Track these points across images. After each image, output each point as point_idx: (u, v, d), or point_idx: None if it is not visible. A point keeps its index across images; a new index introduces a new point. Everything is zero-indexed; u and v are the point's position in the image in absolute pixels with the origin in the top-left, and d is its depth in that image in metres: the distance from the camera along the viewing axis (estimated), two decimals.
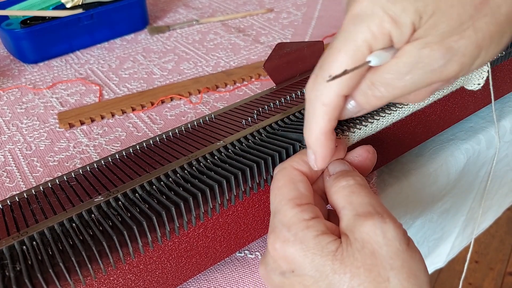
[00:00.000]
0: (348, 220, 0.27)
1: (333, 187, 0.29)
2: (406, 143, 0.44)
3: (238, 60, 0.68)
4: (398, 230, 0.26)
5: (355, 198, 0.28)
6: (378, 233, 0.26)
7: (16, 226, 0.31)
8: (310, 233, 0.27)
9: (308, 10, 0.84)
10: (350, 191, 0.28)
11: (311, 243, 0.26)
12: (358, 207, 0.27)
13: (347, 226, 0.27)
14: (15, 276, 0.26)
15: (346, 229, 0.27)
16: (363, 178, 0.30)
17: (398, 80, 0.26)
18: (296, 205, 0.28)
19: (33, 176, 0.48)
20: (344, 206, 0.28)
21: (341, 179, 0.29)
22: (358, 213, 0.27)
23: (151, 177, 0.33)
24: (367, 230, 0.26)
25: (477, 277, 1.33)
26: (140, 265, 0.31)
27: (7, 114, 0.59)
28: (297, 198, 0.28)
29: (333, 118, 0.29)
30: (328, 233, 0.27)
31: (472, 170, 0.51)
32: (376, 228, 0.26)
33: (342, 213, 0.28)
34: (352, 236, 0.26)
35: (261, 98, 0.45)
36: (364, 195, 0.28)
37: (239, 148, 0.36)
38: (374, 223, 0.26)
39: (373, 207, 0.27)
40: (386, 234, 0.26)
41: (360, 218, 0.26)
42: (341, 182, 0.29)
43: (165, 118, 0.56)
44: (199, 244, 0.33)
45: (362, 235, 0.26)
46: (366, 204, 0.27)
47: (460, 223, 0.58)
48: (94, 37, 0.75)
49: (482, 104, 0.50)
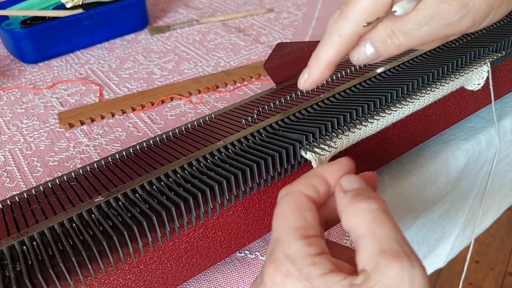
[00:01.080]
0: (370, 255, 0.24)
1: (351, 208, 0.26)
2: (406, 143, 0.44)
3: (238, 60, 0.68)
4: (424, 277, 0.23)
5: (379, 228, 0.25)
6: (406, 279, 0.23)
7: (16, 226, 0.31)
8: (317, 271, 0.24)
9: (308, 10, 0.84)
10: (373, 218, 0.25)
11: (317, 282, 0.24)
12: (383, 241, 0.24)
13: (369, 262, 0.24)
14: (15, 276, 0.26)
15: (366, 265, 0.24)
16: (385, 202, 0.26)
17: (416, 31, 0.29)
18: (302, 236, 0.25)
19: (33, 176, 0.48)
20: (365, 235, 0.25)
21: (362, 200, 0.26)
22: (383, 250, 0.24)
23: (151, 177, 0.33)
24: (394, 274, 0.23)
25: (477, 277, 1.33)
26: (140, 265, 0.31)
27: (7, 114, 0.59)
28: (304, 229, 0.26)
29: (342, 51, 0.31)
30: (336, 272, 0.24)
31: (472, 170, 0.51)
32: (404, 273, 0.23)
33: (362, 243, 0.25)
34: (375, 277, 0.23)
35: (261, 98, 0.45)
36: (389, 226, 0.25)
37: (239, 148, 0.36)
38: (402, 267, 0.23)
39: (400, 245, 0.24)
40: (414, 281, 0.23)
41: (385, 256, 0.23)
42: (363, 204, 0.26)
43: (165, 118, 0.56)
44: (199, 244, 0.33)
45: (387, 278, 0.23)
46: (392, 240, 0.24)
47: (460, 223, 0.58)
48: (94, 37, 0.75)
49: (482, 104, 0.50)
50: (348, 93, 0.42)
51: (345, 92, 0.42)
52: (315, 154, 0.34)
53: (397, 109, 0.39)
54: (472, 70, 0.44)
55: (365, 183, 0.28)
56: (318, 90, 0.43)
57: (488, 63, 0.44)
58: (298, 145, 0.34)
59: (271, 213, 0.37)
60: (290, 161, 0.35)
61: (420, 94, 0.40)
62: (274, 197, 0.36)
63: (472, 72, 0.44)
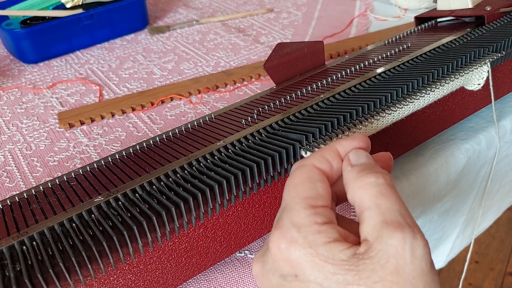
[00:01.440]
0: (374, 226, 0.24)
1: (358, 181, 0.26)
2: (406, 143, 0.44)
3: (238, 60, 0.68)
4: (426, 249, 0.24)
5: (384, 201, 0.25)
6: (407, 249, 0.23)
7: (16, 226, 0.31)
8: (322, 239, 0.25)
9: (308, 10, 0.84)
10: (379, 192, 0.25)
11: (321, 249, 0.24)
12: (386, 213, 0.25)
13: (371, 232, 0.24)
14: (15, 276, 0.26)
15: (369, 235, 0.24)
16: (391, 177, 0.27)
17: None
18: (310, 206, 0.26)
19: (33, 176, 0.48)
20: (370, 207, 0.25)
21: (369, 174, 0.26)
22: (387, 221, 0.24)
23: (151, 177, 0.33)
24: (395, 243, 0.23)
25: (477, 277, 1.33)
26: (140, 265, 0.31)
27: (7, 114, 0.59)
28: (313, 199, 0.26)
29: None
30: (341, 241, 0.25)
31: (472, 170, 0.51)
32: (405, 243, 0.23)
33: (366, 214, 0.25)
34: (376, 246, 0.24)
35: (261, 98, 0.45)
36: (394, 200, 0.25)
37: (239, 148, 0.36)
38: (404, 237, 0.23)
39: (403, 217, 0.24)
40: (415, 251, 0.23)
41: (388, 227, 0.24)
42: (369, 178, 0.26)
43: (165, 118, 0.56)
44: (199, 244, 0.33)
45: (389, 247, 0.23)
46: (395, 212, 0.25)
47: (460, 223, 0.58)
48: (94, 37, 0.75)
49: (482, 104, 0.50)
50: (348, 93, 0.42)
51: (345, 92, 0.42)
52: None
53: (397, 109, 0.39)
54: (472, 70, 0.44)
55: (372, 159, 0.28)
56: (318, 90, 0.43)
57: (488, 63, 0.44)
58: (298, 145, 0.34)
59: (271, 213, 0.37)
60: (290, 161, 0.35)
61: (420, 94, 0.40)
62: (274, 197, 0.36)
63: (472, 72, 0.44)
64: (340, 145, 0.29)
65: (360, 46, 0.67)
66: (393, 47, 0.50)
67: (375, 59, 0.48)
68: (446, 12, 0.56)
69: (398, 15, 0.78)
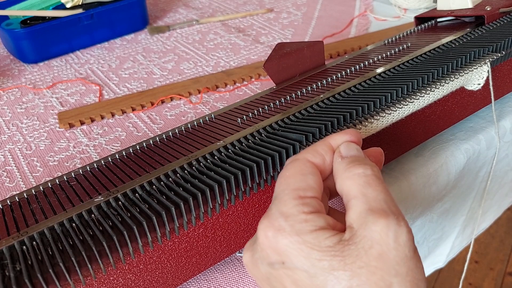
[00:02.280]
0: (359, 213, 0.25)
1: (347, 172, 0.27)
2: (406, 143, 0.44)
3: (238, 60, 0.68)
4: (409, 235, 0.25)
5: (370, 190, 0.26)
6: (391, 235, 0.24)
7: (16, 226, 0.31)
8: (308, 227, 0.25)
9: (308, 10, 0.84)
10: (366, 182, 0.26)
11: (307, 237, 0.25)
12: (372, 201, 0.25)
13: (357, 219, 0.25)
14: (15, 276, 0.26)
15: (354, 222, 0.25)
16: (379, 169, 0.28)
17: None
18: (299, 196, 0.26)
19: (33, 176, 0.48)
20: (357, 196, 0.26)
21: (357, 165, 0.27)
22: (372, 208, 0.25)
23: (151, 177, 0.33)
24: (379, 229, 0.24)
25: (477, 277, 1.33)
26: (140, 265, 0.31)
27: (7, 114, 0.59)
28: (302, 190, 0.27)
29: None
30: (327, 229, 0.25)
31: (472, 170, 0.51)
32: (389, 229, 0.24)
33: (352, 203, 0.26)
34: (361, 232, 0.24)
35: (261, 98, 0.45)
36: (380, 190, 0.26)
37: (239, 148, 0.36)
38: (388, 224, 0.24)
39: (388, 205, 0.25)
40: (398, 238, 0.24)
41: (373, 214, 0.25)
42: (357, 169, 0.27)
43: (165, 118, 0.56)
44: (199, 244, 0.33)
45: (373, 233, 0.24)
46: (381, 201, 0.25)
47: (460, 223, 0.58)
48: (94, 37, 0.75)
49: (482, 104, 0.50)
50: (348, 93, 0.42)
51: (345, 92, 0.42)
52: None
53: (397, 109, 0.39)
54: (472, 70, 0.44)
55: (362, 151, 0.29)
56: (318, 90, 0.43)
57: (488, 63, 0.44)
58: (298, 145, 0.34)
59: None
60: None
61: (420, 94, 0.40)
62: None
63: (472, 72, 0.44)
64: (332, 139, 0.30)
65: (360, 46, 0.67)
66: (393, 47, 0.50)
67: (375, 59, 0.48)
68: (446, 12, 0.56)
69: (398, 15, 0.78)
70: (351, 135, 0.30)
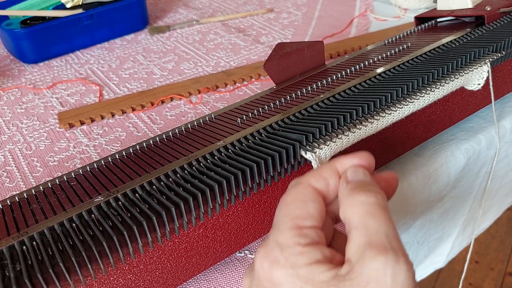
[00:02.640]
0: (358, 246, 0.24)
1: (349, 199, 0.26)
2: (406, 143, 0.44)
3: (238, 60, 0.68)
4: (409, 273, 0.23)
5: (371, 221, 0.25)
6: (388, 273, 0.23)
7: (16, 226, 0.31)
8: (303, 260, 0.25)
9: (308, 10, 0.84)
10: (368, 211, 0.25)
11: (302, 271, 0.24)
12: (372, 234, 0.24)
13: (355, 252, 0.24)
14: (15, 276, 0.26)
15: (352, 256, 0.24)
16: (384, 197, 0.26)
17: None
18: (296, 226, 0.26)
19: (33, 176, 0.48)
20: (357, 227, 0.25)
21: (360, 192, 0.26)
22: (371, 243, 0.24)
23: (151, 177, 0.33)
24: (377, 267, 0.23)
25: (477, 277, 1.33)
26: (140, 265, 0.31)
27: (7, 114, 0.59)
28: (301, 219, 0.26)
29: None
30: (323, 262, 0.25)
31: (472, 170, 0.51)
32: (387, 267, 0.23)
33: (352, 234, 0.25)
34: (358, 269, 0.24)
35: (261, 98, 0.45)
36: (382, 221, 0.25)
37: (239, 148, 0.36)
38: (386, 261, 0.23)
39: (389, 239, 0.24)
40: (396, 276, 0.23)
41: (372, 249, 0.24)
42: (360, 196, 0.26)
43: (165, 118, 0.56)
44: (199, 244, 0.33)
45: (369, 271, 0.23)
46: (381, 234, 0.24)
47: (460, 223, 0.58)
48: (94, 37, 0.75)
49: (482, 104, 0.50)
50: (348, 93, 0.42)
51: (345, 92, 0.42)
52: (315, 154, 0.34)
53: (397, 109, 0.39)
54: (472, 70, 0.44)
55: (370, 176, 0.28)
56: (318, 90, 0.43)
57: (488, 63, 0.44)
58: (298, 145, 0.34)
59: (271, 213, 0.37)
60: (290, 161, 0.35)
61: (420, 94, 0.40)
62: (274, 197, 0.36)
63: (472, 72, 0.44)
64: (339, 163, 0.29)
65: (360, 46, 0.67)
66: (393, 47, 0.50)
67: (375, 59, 0.48)
68: (446, 12, 0.56)
69: (398, 15, 0.78)
70: (360, 159, 0.29)
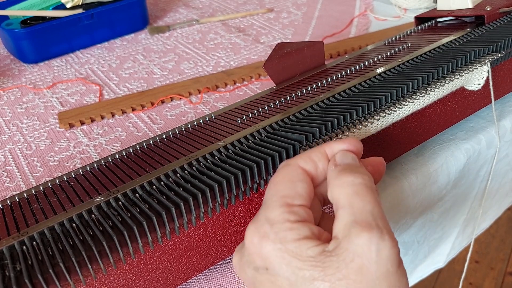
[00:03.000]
0: (344, 225, 0.25)
1: (337, 180, 0.27)
2: (406, 143, 0.44)
3: (238, 60, 0.68)
4: (393, 250, 0.24)
5: (358, 201, 0.26)
6: (373, 249, 0.24)
7: (16, 226, 0.31)
8: (291, 236, 0.25)
9: (308, 9, 0.84)
10: (355, 191, 0.26)
11: (290, 246, 0.25)
12: (358, 213, 0.25)
13: (342, 230, 0.25)
14: (15, 276, 0.26)
15: (339, 233, 0.25)
16: (371, 178, 0.28)
17: None
18: (286, 204, 0.27)
19: (33, 176, 0.48)
20: (344, 206, 0.26)
21: (347, 173, 0.27)
22: (357, 221, 0.25)
23: (151, 177, 0.33)
24: (362, 243, 0.24)
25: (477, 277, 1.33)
26: (140, 265, 0.31)
27: (7, 114, 0.59)
28: (290, 197, 0.27)
29: None
30: (311, 238, 0.25)
31: (472, 170, 0.51)
32: (371, 243, 0.24)
33: (339, 212, 0.26)
34: (344, 245, 0.25)
35: (261, 98, 0.45)
36: (368, 200, 0.26)
37: (239, 148, 0.36)
38: (370, 237, 0.24)
39: (374, 217, 0.25)
40: (380, 252, 0.24)
41: (357, 226, 0.25)
42: (347, 177, 0.27)
43: (165, 118, 0.56)
44: (200, 244, 0.33)
45: (355, 247, 0.24)
46: (367, 212, 0.25)
47: (460, 223, 0.58)
48: (94, 37, 0.75)
49: (482, 104, 0.50)
50: (348, 93, 0.42)
51: (345, 92, 0.42)
52: None
53: (397, 109, 0.39)
54: (472, 70, 0.44)
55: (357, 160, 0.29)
56: (318, 90, 0.43)
57: (488, 63, 0.44)
58: (298, 145, 0.34)
59: None
60: None
61: (420, 94, 0.40)
62: None
63: (472, 72, 0.44)
64: (328, 147, 0.30)
65: (360, 46, 0.67)
66: (393, 47, 0.50)
67: (375, 59, 0.48)
68: (446, 12, 0.56)
69: (398, 15, 0.78)
70: (349, 144, 0.30)
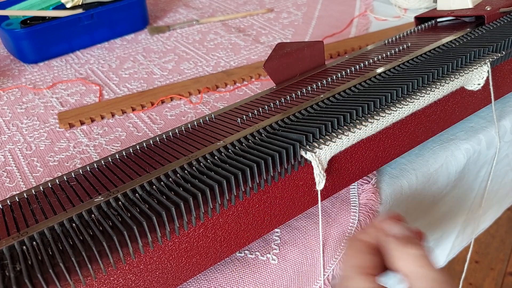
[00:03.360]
0: None
1: (400, 252, 0.31)
2: (406, 143, 0.44)
3: (238, 60, 0.68)
4: None
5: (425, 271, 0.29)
6: None
7: (16, 226, 0.31)
8: None
9: (308, 10, 0.84)
10: (420, 264, 0.30)
11: None
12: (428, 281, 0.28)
13: None
14: (15, 276, 0.26)
15: None
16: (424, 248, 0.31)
17: None
18: (363, 273, 0.30)
19: (33, 176, 0.48)
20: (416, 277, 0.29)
21: (409, 246, 0.31)
22: None
23: (151, 177, 0.33)
24: None
25: (477, 277, 1.33)
26: (140, 265, 0.31)
27: (7, 114, 0.59)
28: (363, 268, 0.31)
29: None
30: None
31: (472, 170, 0.51)
32: None
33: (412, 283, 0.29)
34: None
35: (261, 98, 0.45)
36: (431, 269, 0.29)
37: (239, 148, 0.36)
38: None
39: (438, 282, 0.29)
40: None
41: None
42: (410, 249, 0.30)
43: (165, 118, 0.56)
44: (199, 244, 0.33)
45: None
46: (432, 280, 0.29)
47: (460, 223, 0.58)
48: (94, 37, 0.75)
49: (482, 104, 0.50)
50: (348, 93, 0.42)
51: (345, 92, 0.42)
52: (315, 154, 0.34)
53: (397, 109, 0.39)
54: (472, 70, 0.44)
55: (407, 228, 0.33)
56: (318, 90, 0.43)
57: (488, 63, 0.44)
58: (298, 145, 0.34)
59: (271, 213, 0.37)
60: (290, 161, 0.35)
61: (420, 94, 0.40)
62: (274, 197, 0.36)
63: (472, 72, 0.44)
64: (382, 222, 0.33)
65: (360, 46, 0.67)
66: (393, 47, 0.50)
67: (375, 59, 0.48)
68: (446, 12, 0.56)
69: (398, 15, 0.78)
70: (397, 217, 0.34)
